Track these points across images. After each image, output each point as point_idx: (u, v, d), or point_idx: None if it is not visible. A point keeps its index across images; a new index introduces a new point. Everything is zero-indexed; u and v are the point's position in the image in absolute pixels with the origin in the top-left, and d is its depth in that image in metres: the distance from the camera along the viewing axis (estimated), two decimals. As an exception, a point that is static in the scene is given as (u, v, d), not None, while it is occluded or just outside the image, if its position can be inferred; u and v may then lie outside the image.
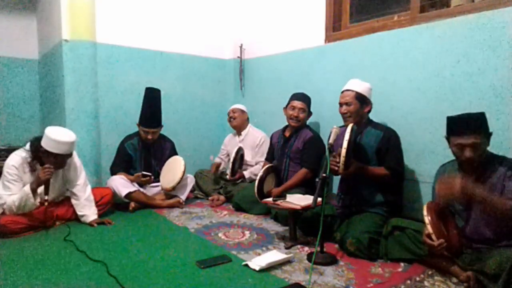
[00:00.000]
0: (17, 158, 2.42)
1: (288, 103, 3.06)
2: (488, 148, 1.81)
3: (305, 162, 2.94)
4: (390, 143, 2.31)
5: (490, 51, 2.19)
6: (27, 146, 2.46)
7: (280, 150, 3.12)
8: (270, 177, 2.88)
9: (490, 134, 1.79)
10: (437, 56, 2.44)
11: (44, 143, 2.35)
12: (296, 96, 3.04)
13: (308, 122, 3.13)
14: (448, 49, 2.38)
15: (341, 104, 2.42)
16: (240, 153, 3.45)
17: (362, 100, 2.37)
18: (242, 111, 3.65)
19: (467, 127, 1.74)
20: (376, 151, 2.32)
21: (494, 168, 1.78)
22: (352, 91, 2.38)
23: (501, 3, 2.16)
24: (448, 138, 1.86)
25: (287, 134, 3.11)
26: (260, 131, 3.65)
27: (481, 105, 2.17)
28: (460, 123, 1.78)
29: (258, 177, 2.76)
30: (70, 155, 2.49)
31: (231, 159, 3.38)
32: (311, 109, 3.07)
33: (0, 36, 4.00)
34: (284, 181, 3.00)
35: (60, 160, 2.43)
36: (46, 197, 2.40)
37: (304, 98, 3.03)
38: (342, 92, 2.43)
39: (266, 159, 3.34)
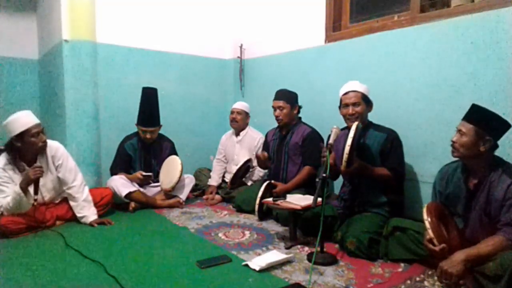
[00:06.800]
0: (3, 160, 2.41)
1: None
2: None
3: (308, 159, 2.91)
4: (393, 144, 2.31)
5: (490, 51, 2.19)
6: (3, 154, 2.43)
7: (277, 147, 3.09)
8: (268, 193, 2.85)
9: (496, 145, 1.73)
10: (437, 56, 2.44)
11: (12, 133, 2.35)
12: (275, 95, 3.02)
13: (308, 121, 3.12)
14: (448, 49, 2.38)
15: (347, 105, 2.33)
16: (247, 165, 3.41)
17: (367, 101, 2.36)
18: (246, 114, 3.57)
19: (470, 116, 1.74)
20: (380, 152, 2.32)
21: (497, 174, 1.72)
22: (358, 92, 2.32)
23: (501, 3, 2.16)
24: None
25: (283, 131, 3.08)
26: (259, 132, 3.59)
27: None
28: (470, 109, 1.76)
29: (259, 195, 2.73)
30: (40, 127, 2.45)
31: (237, 167, 3.33)
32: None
33: (0, 36, 4.00)
34: (283, 180, 2.99)
35: (38, 135, 2.41)
36: (35, 197, 2.38)
37: (282, 96, 2.98)
38: (347, 93, 2.35)
39: None
